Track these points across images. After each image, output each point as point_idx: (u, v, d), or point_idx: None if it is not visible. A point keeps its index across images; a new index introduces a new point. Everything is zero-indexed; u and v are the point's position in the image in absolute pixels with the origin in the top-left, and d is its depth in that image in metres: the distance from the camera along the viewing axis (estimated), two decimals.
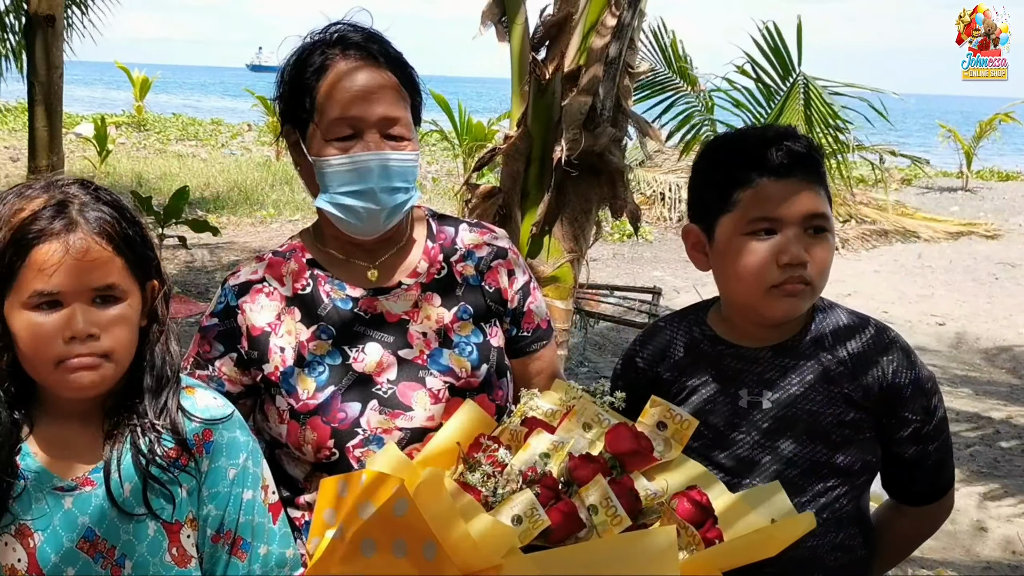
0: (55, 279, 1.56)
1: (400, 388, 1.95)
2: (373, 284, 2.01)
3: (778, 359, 1.94)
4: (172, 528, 1.68)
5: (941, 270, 13.51)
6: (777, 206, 1.84)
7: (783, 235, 1.84)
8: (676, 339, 2.04)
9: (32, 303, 1.57)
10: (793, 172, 1.85)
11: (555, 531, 1.56)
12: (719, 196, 1.90)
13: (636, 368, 2.07)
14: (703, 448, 1.92)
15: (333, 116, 1.91)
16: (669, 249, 14.81)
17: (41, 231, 1.57)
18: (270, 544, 1.77)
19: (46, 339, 1.58)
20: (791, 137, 1.90)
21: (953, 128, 24.10)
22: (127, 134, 24.94)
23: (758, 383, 1.93)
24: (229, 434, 1.74)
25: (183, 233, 11.13)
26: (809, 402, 1.90)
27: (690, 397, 1.97)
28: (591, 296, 8.28)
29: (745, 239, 1.87)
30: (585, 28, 4.30)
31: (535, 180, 4.39)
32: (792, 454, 1.90)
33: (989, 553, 5.04)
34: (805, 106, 7.25)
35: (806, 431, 1.89)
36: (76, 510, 1.64)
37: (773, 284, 1.85)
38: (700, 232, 1.97)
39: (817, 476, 1.90)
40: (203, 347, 1.99)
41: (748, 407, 1.93)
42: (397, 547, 1.57)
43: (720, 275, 1.96)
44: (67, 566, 1.63)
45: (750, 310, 1.92)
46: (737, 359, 1.96)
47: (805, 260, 1.84)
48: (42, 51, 8.08)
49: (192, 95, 68.08)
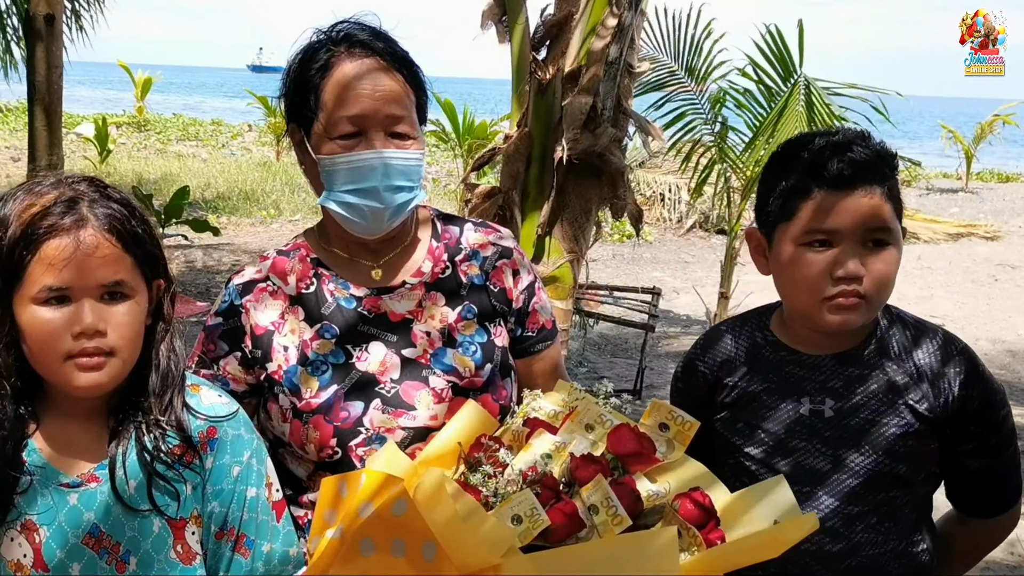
0: (64, 274, 1.57)
1: (403, 387, 1.95)
2: (377, 283, 2.01)
3: (841, 368, 1.92)
4: (177, 525, 1.69)
5: (941, 271, 13.54)
6: (833, 219, 1.81)
7: (839, 248, 1.82)
8: (738, 344, 2.02)
9: (41, 298, 1.58)
10: (854, 182, 1.81)
11: (555, 531, 1.55)
12: (778, 204, 1.88)
13: (697, 372, 2.05)
14: (764, 455, 1.92)
15: (337, 114, 1.91)
16: (669, 250, 14.82)
17: (52, 226, 1.58)
18: (273, 542, 1.77)
19: (54, 334, 1.58)
20: (858, 144, 1.85)
21: (953, 130, 24.12)
22: (128, 134, 24.96)
23: (820, 391, 1.91)
24: (233, 431, 1.75)
25: (184, 233, 11.16)
26: (872, 412, 1.88)
27: (751, 403, 1.95)
28: (590, 296, 8.27)
29: (801, 250, 1.85)
30: (586, 28, 4.30)
31: (535, 180, 4.40)
32: (854, 464, 1.88)
33: (990, 554, 5.03)
34: (807, 107, 7.26)
35: (868, 441, 1.87)
36: (81, 506, 1.65)
37: (826, 297, 1.82)
38: (762, 237, 1.96)
39: (879, 486, 1.88)
40: (207, 346, 2.00)
41: (810, 415, 1.91)
42: (396, 547, 1.57)
43: (778, 282, 1.94)
44: (72, 562, 1.63)
45: (806, 319, 1.91)
46: (799, 366, 1.94)
47: (860, 274, 1.81)
48: (42, 51, 8.09)
49: (193, 95, 68.05)
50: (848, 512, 1.89)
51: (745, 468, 1.93)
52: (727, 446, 1.97)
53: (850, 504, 1.88)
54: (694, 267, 13.71)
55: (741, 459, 1.94)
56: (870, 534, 1.89)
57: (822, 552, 1.88)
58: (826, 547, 1.88)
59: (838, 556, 1.89)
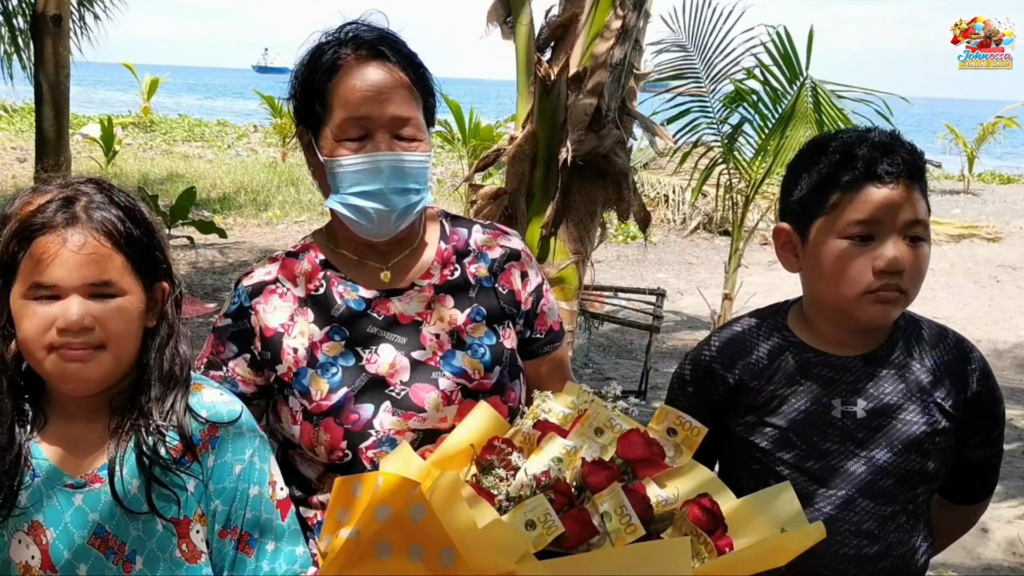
0: (52, 271, 1.59)
1: (413, 389, 1.95)
2: (386, 285, 2.01)
3: (870, 368, 1.93)
4: (181, 524, 1.69)
5: (942, 272, 13.52)
6: (878, 212, 1.82)
7: (881, 241, 1.82)
8: (758, 344, 2.00)
9: (31, 294, 1.60)
10: (898, 178, 1.82)
11: (568, 538, 1.55)
12: (817, 198, 1.88)
13: (712, 373, 2.02)
14: (795, 459, 1.92)
15: (344, 116, 1.90)
16: (673, 251, 14.82)
17: (43, 223, 1.60)
18: (278, 541, 1.77)
19: (40, 328, 1.59)
20: (897, 143, 1.87)
21: (956, 130, 24.08)
22: (133, 135, 24.94)
23: (851, 392, 1.92)
24: (235, 430, 1.75)
25: (190, 234, 11.17)
26: (904, 411, 1.90)
27: (780, 406, 1.94)
28: (595, 298, 8.27)
29: (842, 242, 1.85)
30: (590, 30, 4.31)
31: (540, 182, 4.39)
32: (887, 463, 1.89)
33: (991, 555, 5.05)
34: (815, 109, 7.26)
35: (901, 440, 1.89)
36: (86, 507, 1.66)
37: (868, 290, 1.83)
38: (793, 232, 1.95)
39: (909, 484, 1.91)
40: (216, 347, 2.00)
41: (842, 417, 1.91)
42: (413, 552, 1.57)
43: (811, 277, 1.94)
44: (80, 562, 1.64)
45: (841, 314, 1.90)
46: (827, 367, 1.94)
47: (903, 267, 1.82)
48: (49, 51, 8.11)
49: (198, 96, 68.01)
50: (882, 513, 1.90)
51: (774, 471, 1.92)
52: (752, 449, 1.96)
53: (884, 504, 1.90)
54: (698, 268, 13.71)
55: (769, 463, 1.93)
56: (899, 534, 1.92)
57: (860, 555, 1.89)
58: (864, 550, 1.89)
59: (874, 558, 1.90)
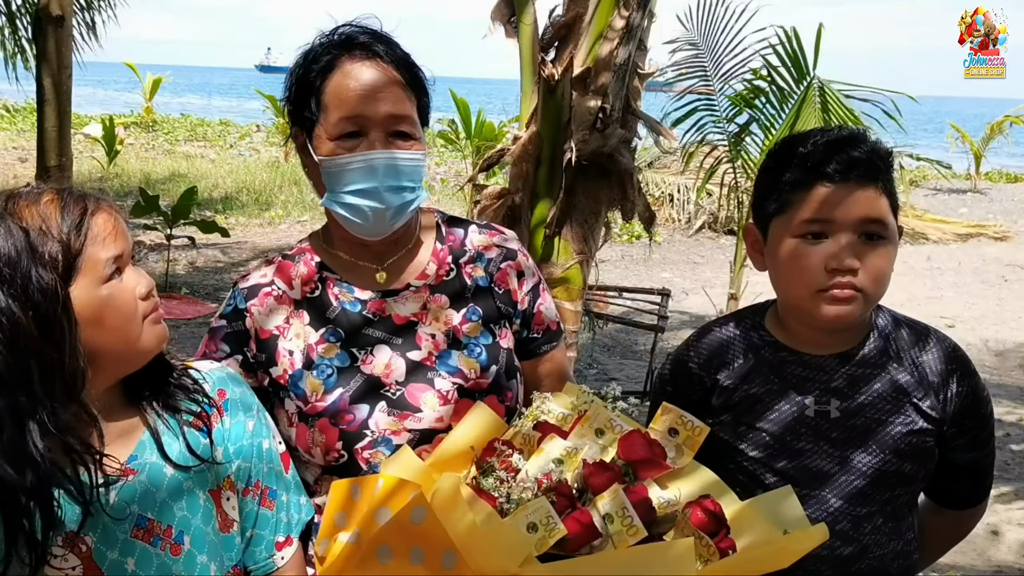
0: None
1: (409, 390, 1.95)
2: (382, 286, 2.01)
3: (844, 368, 1.92)
4: (215, 495, 1.70)
5: (950, 272, 13.49)
6: (827, 209, 1.82)
7: (833, 240, 1.82)
8: (734, 344, 2.01)
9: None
10: (849, 176, 1.82)
11: (571, 540, 1.54)
12: (775, 198, 1.89)
13: (689, 372, 2.03)
14: (766, 458, 1.91)
15: (338, 115, 1.91)
16: (678, 251, 14.80)
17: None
18: (288, 491, 1.81)
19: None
20: (854, 141, 1.87)
21: (962, 129, 24.05)
22: (135, 134, 24.98)
23: (825, 392, 1.91)
24: (239, 389, 1.79)
25: (191, 234, 11.15)
26: (879, 412, 1.89)
27: (754, 405, 1.94)
28: (600, 297, 8.24)
29: (795, 241, 1.85)
30: (595, 30, 4.28)
31: (544, 181, 4.37)
32: (862, 464, 1.88)
33: (1003, 557, 5.01)
34: (823, 109, 7.24)
35: (876, 441, 1.88)
36: (123, 501, 1.61)
37: (820, 288, 1.83)
38: (758, 233, 1.97)
39: (886, 486, 1.89)
40: (210, 347, 1.99)
41: (815, 416, 1.90)
42: (415, 555, 1.56)
43: (773, 276, 1.95)
44: (126, 557, 1.60)
45: (802, 313, 1.90)
46: (801, 367, 1.94)
47: (854, 267, 1.81)
48: (52, 51, 8.10)
49: (201, 96, 68.20)
50: (856, 513, 1.89)
51: (748, 471, 1.92)
52: (727, 449, 1.95)
53: (858, 505, 1.89)
54: (703, 268, 13.69)
55: (743, 462, 1.93)
56: (876, 535, 1.90)
57: (834, 556, 1.87)
58: (837, 551, 1.87)
59: (849, 560, 1.89)
